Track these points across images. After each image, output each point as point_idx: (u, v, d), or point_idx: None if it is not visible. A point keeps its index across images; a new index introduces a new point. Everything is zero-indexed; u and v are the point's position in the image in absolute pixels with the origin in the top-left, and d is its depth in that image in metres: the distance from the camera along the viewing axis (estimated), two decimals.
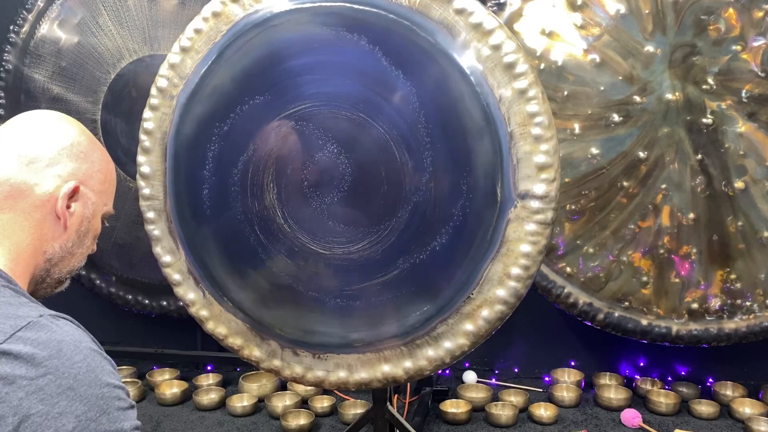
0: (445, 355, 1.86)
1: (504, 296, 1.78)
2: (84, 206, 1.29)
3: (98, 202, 1.33)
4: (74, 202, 1.27)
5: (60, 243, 1.27)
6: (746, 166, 2.49)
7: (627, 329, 2.69)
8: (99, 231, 1.37)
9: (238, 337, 2.04)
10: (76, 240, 1.30)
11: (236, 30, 1.91)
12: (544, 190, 1.73)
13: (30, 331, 1.03)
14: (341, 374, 1.96)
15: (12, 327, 1.04)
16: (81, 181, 1.28)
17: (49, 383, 0.99)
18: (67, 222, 1.26)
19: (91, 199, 1.31)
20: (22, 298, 1.13)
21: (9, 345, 1.01)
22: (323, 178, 1.87)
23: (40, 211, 1.24)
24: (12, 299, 1.12)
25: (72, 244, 1.29)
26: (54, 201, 1.24)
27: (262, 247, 1.93)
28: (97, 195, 1.32)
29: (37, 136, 1.27)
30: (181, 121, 1.96)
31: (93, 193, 1.31)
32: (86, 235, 1.32)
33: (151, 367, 3.21)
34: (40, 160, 1.25)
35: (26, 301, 1.14)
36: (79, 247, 1.32)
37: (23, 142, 1.26)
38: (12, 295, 1.13)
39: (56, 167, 1.26)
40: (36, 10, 3.05)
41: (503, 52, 1.74)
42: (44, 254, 1.26)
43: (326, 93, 1.84)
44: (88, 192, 1.30)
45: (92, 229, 1.34)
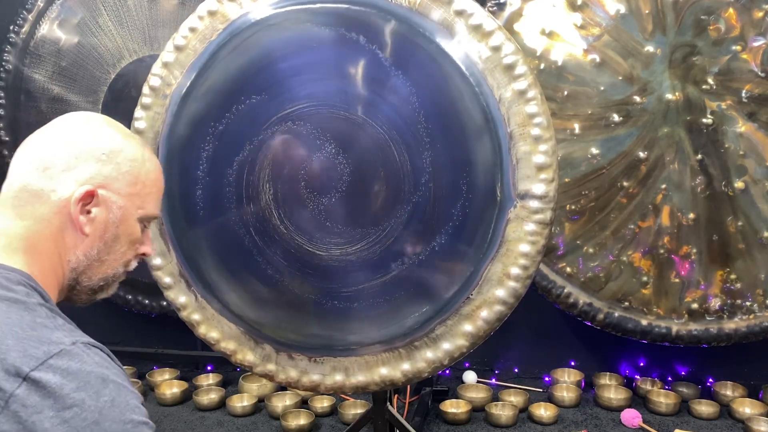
0: (443, 357, 1.85)
1: (503, 296, 1.78)
2: (108, 211, 1.22)
3: (128, 206, 1.25)
4: (94, 207, 1.21)
5: (83, 251, 1.22)
6: (746, 166, 2.49)
7: (627, 329, 2.69)
8: (137, 235, 1.29)
9: (231, 342, 2.02)
10: (102, 247, 1.24)
11: (232, 29, 1.90)
12: (543, 190, 1.74)
13: (62, 359, 1.02)
14: (338, 378, 1.95)
15: (45, 353, 1.02)
16: (101, 184, 1.21)
17: (75, 416, 0.99)
18: (84, 228, 1.20)
19: (117, 203, 1.23)
20: (57, 319, 1.11)
21: (39, 373, 1.00)
22: (321, 178, 1.86)
23: (59, 218, 1.19)
24: (47, 320, 1.08)
25: (97, 251, 1.24)
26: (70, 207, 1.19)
27: (258, 249, 1.92)
28: (125, 198, 1.24)
29: (55, 140, 1.22)
30: (175, 121, 1.95)
31: (119, 196, 1.23)
32: (116, 241, 1.25)
33: (151, 367, 3.21)
34: (56, 165, 1.19)
35: (61, 323, 1.11)
36: (108, 254, 1.25)
37: (41, 147, 1.22)
38: (47, 316, 1.10)
39: (73, 172, 1.20)
40: (36, 10, 3.05)
41: (503, 54, 1.74)
42: (68, 263, 1.22)
43: (324, 92, 1.84)
44: (112, 195, 1.22)
45: (124, 235, 1.26)
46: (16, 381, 0.99)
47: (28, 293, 1.11)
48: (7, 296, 1.09)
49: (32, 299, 1.11)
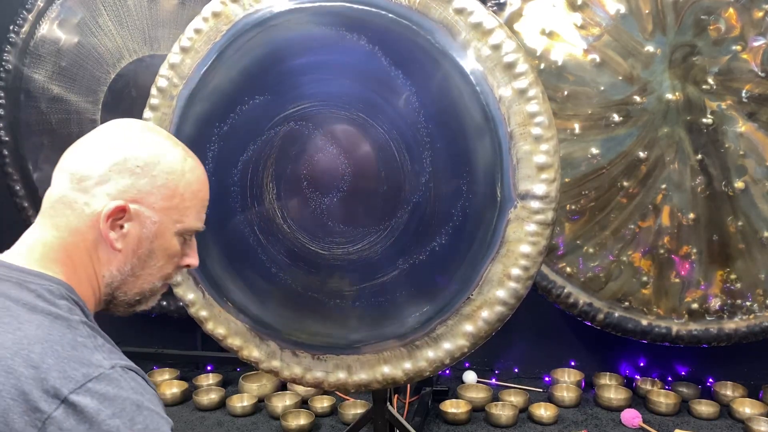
0: (444, 357, 1.85)
1: (504, 297, 1.78)
2: (141, 226, 1.18)
3: (163, 220, 1.19)
4: (127, 222, 1.17)
5: (116, 266, 1.19)
6: (746, 166, 2.49)
7: (627, 329, 2.69)
8: (174, 249, 1.24)
9: (237, 338, 2.03)
10: (136, 262, 1.20)
11: (236, 30, 1.91)
12: (544, 191, 1.73)
13: (100, 384, 1.02)
14: (340, 375, 1.96)
15: (84, 376, 1.02)
16: (135, 198, 1.16)
17: None
18: (114, 244, 1.17)
19: (151, 218, 1.18)
20: (98, 339, 1.09)
21: (78, 396, 1.00)
22: (322, 178, 1.86)
23: (93, 233, 1.16)
24: (88, 340, 1.07)
25: (131, 266, 1.20)
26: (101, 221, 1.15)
27: (262, 248, 1.93)
28: (159, 212, 1.19)
29: (93, 149, 1.18)
30: (181, 121, 1.96)
31: (153, 210, 1.18)
32: (151, 256, 1.21)
33: (151, 367, 3.21)
34: (91, 177, 1.15)
35: (101, 342, 1.09)
36: (143, 269, 1.21)
37: (80, 157, 1.18)
38: (88, 335, 1.08)
39: (106, 185, 1.15)
40: (36, 10, 3.05)
41: (503, 52, 1.74)
42: (103, 278, 1.19)
43: (326, 93, 1.84)
44: (146, 210, 1.17)
45: (160, 249, 1.22)
46: (54, 402, 0.99)
47: (70, 309, 1.10)
48: (50, 311, 1.07)
49: (75, 316, 1.09)
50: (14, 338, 1.03)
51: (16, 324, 1.04)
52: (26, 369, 1.00)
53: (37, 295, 1.09)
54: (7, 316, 1.05)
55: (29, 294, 1.09)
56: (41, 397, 0.98)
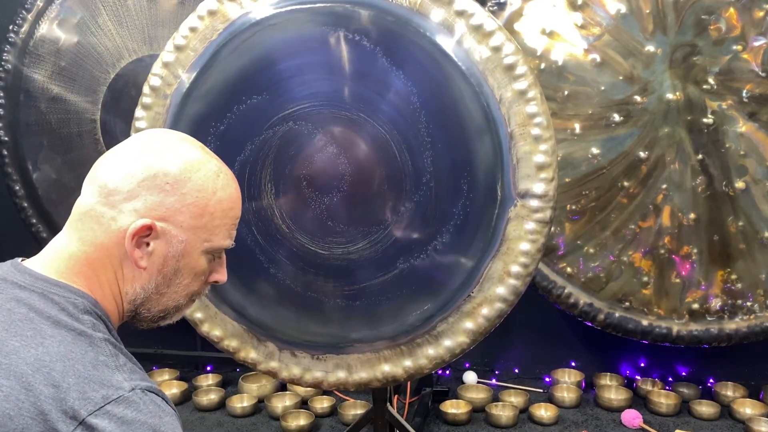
0: (445, 354, 1.86)
1: (504, 294, 1.79)
2: (167, 244, 1.14)
3: (191, 239, 1.16)
4: (153, 240, 1.13)
5: (140, 284, 1.16)
6: (747, 166, 2.49)
7: (627, 330, 2.68)
8: (201, 268, 1.21)
9: (234, 340, 2.02)
10: (161, 280, 1.17)
11: (233, 29, 1.90)
12: (543, 189, 1.75)
13: (119, 407, 1.01)
14: (340, 375, 1.96)
15: (103, 398, 1.01)
16: (162, 216, 1.13)
17: None
18: (139, 262, 1.14)
19: (178, 237, 1.14)
20: (119, 358, 1.08)
21: (96, 419, 0.99)
22: (322, 178, 1.86)
23: (118, 249, 1.13)
24: (110, 359, 1.06)
25: (155, 284, 1.17)
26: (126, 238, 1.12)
27: (260, 248, 1.93)
28: (187, 231, 1.15)
29: (124, 162, 1.14)
30: (176, 121, 1.95)
31: (181, 229, 1.14)
32: (176, 275, 1.18)
33: (151, 367, 3.20)
34: (119, 193, 1.12)
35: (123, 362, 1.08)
36: (168, 287, 1.19)
37: (111, 168, 1.14)
38: (110, 353, 1.07)
39: (134, 201, 1.12)
40: (35, 10, 3.04)
41: (503, 54, 1.75)
42: (126, 295, 1.17)
43: (325, 93, 1.84)
44: (173, 229, 1.14)
45: (186, 268, 1.18)
46: (72, 424, 0.98)
47: (94, 324, 1.09)
48: (73, 326, 1.06)
49: (98, 333, 1.08)
50: (36, 354, 1.02)
51: (39, 339, 1.03)
52: (46, 388, 0.99)
53: (61, 309, 1.07)
54: (30, 329, 1.04)
55: (53, 307, 1.07)
56: (60, 418, 0.98)
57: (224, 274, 1.27)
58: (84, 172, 1.21)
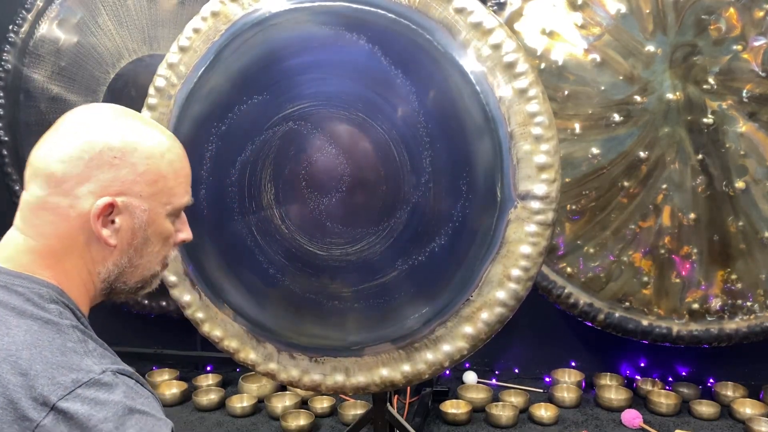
0: (444, 359, 1.85)
1: (504, 298, 1.77)
2: (132, 217, 1.14)
3: (153, 206, 1.16)
4: (118, 216, 1.13)
5: (113, 261, 1.16)
6: (747, 166, 2.49)
7: (627, 330, 2.68)
8: (168, 232, 1.21)
9: (234, 340, 2.02)
10: (133, 253, 1.17)
11: (235, 29, 1.90)
12: (544, 191, 1.73)
13: (90, 389, 1.00)
14: (338, 378, 1.95)
15: (73, 382, 1.00)
16: (120, 191, 1.12)
17: None
18: (109, 241, 1.13)
19: (140, 207, 1.14)
20: (88, 343, 1.07)
21: (67, 403, 0.98)
22: (322, 178, 1.86)
23: (83, 234, 1.12)
24: (78, 345, 1.05)
25: (128, 258, 1.17)
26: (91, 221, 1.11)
27: (260, 249, 1.92)
28: (147, 200, 1.14)
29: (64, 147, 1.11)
30: (179, 121, 1.95)
31: (141, 199, 1.14)
32: (146, 244, 1.18)
33: (151, 367, 3.20)
34: (69, 179, 1.10)
35: (92, 347, 1.07)
36: (141, 258, 1.19)
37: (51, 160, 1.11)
38: (78, 339, 1.06)
39: (88, 183, 1.10)
40: (35, 9, 3.04)
41: (503, 52, 1.73)
42: (98, 275, 1.16)
43: (325, 93, 1.83)
44: (134, 200, 1.13)
45: (155, 235, 1.18)
46: (43, 410, 0.97)
47: (61, 312, 1.08)
48: (39, 315, 1.06)
49: (65, 320, 1.07)
50: (2, 344, 1.01)
51: (4, 329, 1.03)
52: (14, 377, 0.99)
53: (26, 299, 1.07)
54: None
55: (18, 298, 1.07)
56: (30, 405, 0.97)
57: (189, 232, 1.28)
58: None
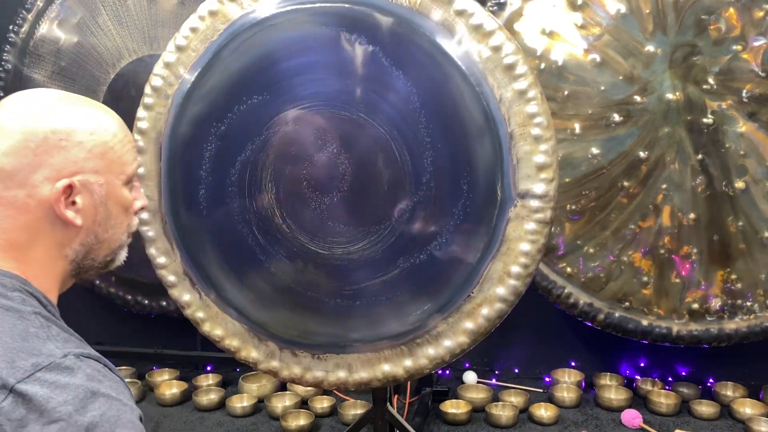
0: (445, 354, 1.86)
1: (504, 294, 1.79)
2: (92, 194, 1.16)
3: (107, 180, 1.17)
4: (78, 196, 1.14)
5: (79, 241, 1.17)
6: (747, 166, 2.49)
7: (627, 329, 2.68)
8: (128, 201, 1.23)
9: (235, 339, 2.03)
10: (99, 229, 1.19)
11: (233, 29, 1.90)
12: (543, 190, 1.74)
13: (50, 373, 1.00)
14: (341, 374, 1.96)
15: (33, 365, 1.00)
16: (74, 171, 1.13)
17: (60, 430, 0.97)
18: (74, 222, 1.15)
19: (97, 182, 1.16)
20: (51, 329, 1.07)
21: (26, 385, 0.98)
22: (322, 178, 1.86)
23: (47, 221, 1.14)
24: (40, 330, 1.06)
25: (94, 235, 1.19)
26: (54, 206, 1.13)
27: (260, 248, 1.93)
28: (102, 174, 1.16)
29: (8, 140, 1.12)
30: (177, 121, 1.95)
31: (96, 174, 1.15)
32: (109, 218, 1.20)
33: (151, 367, 3.20)
34: (21, 170, 1.11)
35: (55, 332, 1.07)
36: (107, 232, 1.20)
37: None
38: (41, 325, 1.07)
39: (41, 170, 1.12)
40: (35, 10, 3.04)
41: (503, 53, 1.75)
42: (66, 258, 1.18)
43: (325, 93, 1.84)
44: (89, 177, 1.15)
45: (115, 207, 1.21)
46: (1, 393, 0.97)
47: (23, 300, 1.09)
48: (1, 304, 1.06)
49: (27, 307, 1.08)
50: None
51: None
52: None
53: None
54: None
55: None
56: None
57: (144, 198, 1.30)
58: None
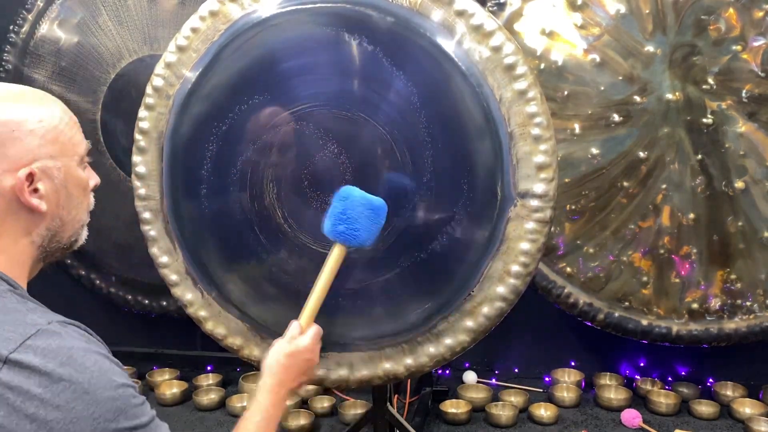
0: (445, 352, 1.87)
1: (504, 293, 1.79)
2: (51, 179, 1.18)
3: (63, 163, 1.20)
4: (39, 182, 1.17)
5: (45, 225, 1.20)
6: (746, 166, 2.49)
7: (627, 329, 2.69)
8: (85, 181, 1.27)
9: (237, 337, 2.03)
10: (62, 212, 1.22)
11: (234, 29, 1.90)
12: (543, 189, 1.75)
13: (39, 340, 1.03)
14: (342, 372, 1.96)
15: (21, 335, 1.03)
16: (31, 159, 1.16)
17: (64, 390, 1.00)
18: (40, 208, 1.17)
19: (55, 166, 1.19)
20: (28, 303, 1.12)
21: (20, 355, 1.01)
22: (324, 177, 1.86)
23: (10, 212, 1.16)
24: (18, 305, 1.10)
25: (59, 218, 1.22)
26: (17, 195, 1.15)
27: (262, 247, 1.93)
28: (56, 158, 1.19)
29: None
30: (178, 121, 1.95)
31: (52, 159, 1.18)
32: (70, 199, 1.23)
33: (151, 367, 3.21)
34: None
35: (33, 306, 1.12)
36: (70, 213, 1.23)
37: None
38: (18, 301, 1.11)
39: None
40: (36, 10, 3.04)
41: (503, 54, 1.75)
42: (33, 244, 1.20)
43: (326, 93, 1.84)
44: (47, 162, 1.17)
45: (75, 188, 1.24)
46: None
47: None
48: None
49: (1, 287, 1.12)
50: None
51: None
52: None
53: None
54: None
55: None
56: None
57: (95, 176, 1.32)
58: None
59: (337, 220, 1.68)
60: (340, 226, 1.68)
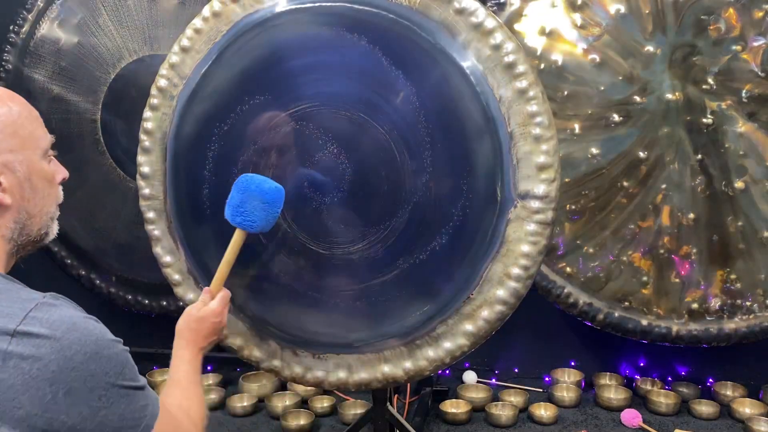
0: (444, 356, 1.86)
1: (504, 296, 1.78)
2: (13, 172, 1.21)
3: (26, 157, 1.23)
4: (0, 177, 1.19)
5: (12, 219, 1.22)
6: (746, 166, 2.49)
7: (627, 329, 2.69)
8: (50, 173, 1.29)
9: (237, 338, 2.04)
10: (28, 204, 1.24)
11: (236, 30, 1.91)
12: (544, 191, 1.74)
13: (40, 312, 1.08)
14: (341, 374, 1.96)
15: (22, 309, 1.07)
16: None
17: (76, 353, 1.06)
18: (3, 201, 1.20)
19: (17, 160, 1.21)
20: (15, 283, 1.16)
21: (26, 326, 1.05)
22: (324, 178, 1.86)
23: None
24: (9, 285, 1.15)
25: (25, 211, 1.24)
26: None
27: (262, 247, 1.93)
28: (19, 152, 1.22)
29: None
30: (182, 121, 1.96)
31: (13, 153, 1.21)
32: (36, 192, 1.25)
33: (151, 367, 3.20)
34: None
35: (21, 285, 1.16)
36: (36, 206, 1.25)
37: None
38: (5, 282, 1.15)
39: None
40: (36, 10, 3.04)
41: (503, 52, 1.74)
42: (3, 237, 1.22)
43: (326, 93, 1.84)
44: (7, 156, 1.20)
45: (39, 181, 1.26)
46: (5, 339, 1.04)
47: None
48: None
49: None
50: None
51: None
52: None
53: None
54: None
55: None
56: None
57: (64, 169, 1.35)
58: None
59: (235, 211, 1.76)
60: (237, 218, 1.76)
